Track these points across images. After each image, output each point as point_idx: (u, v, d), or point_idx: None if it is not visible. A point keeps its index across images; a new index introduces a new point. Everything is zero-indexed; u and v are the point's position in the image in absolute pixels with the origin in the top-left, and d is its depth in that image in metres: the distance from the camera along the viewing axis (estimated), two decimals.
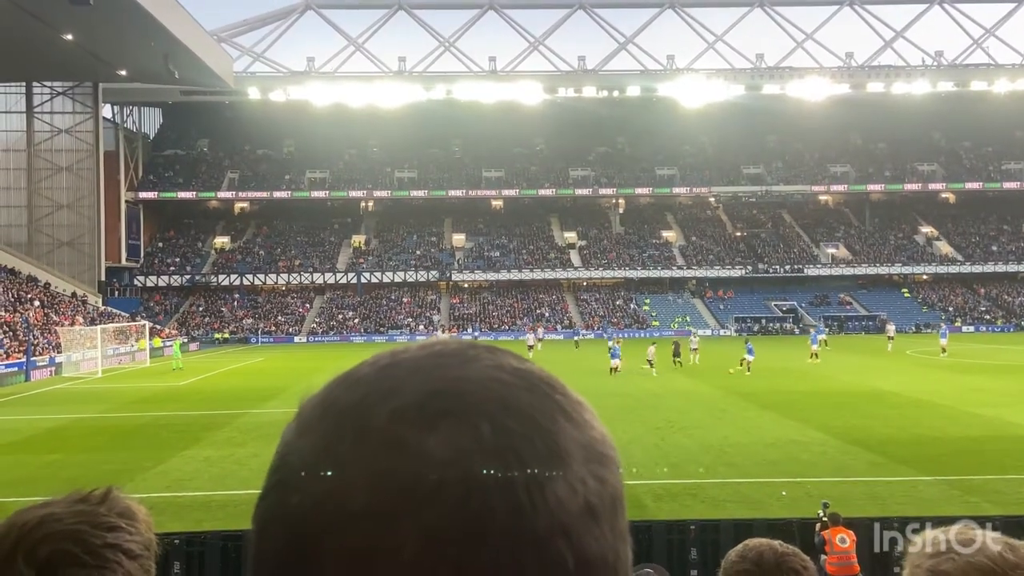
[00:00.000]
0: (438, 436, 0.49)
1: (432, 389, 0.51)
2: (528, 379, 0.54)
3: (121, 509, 1.13)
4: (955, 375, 33.25)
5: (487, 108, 77.32)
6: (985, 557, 1.00)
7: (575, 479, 0.50)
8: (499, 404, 0.51)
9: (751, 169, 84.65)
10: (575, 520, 0.49)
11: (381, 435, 0.49)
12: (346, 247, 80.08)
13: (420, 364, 0.54)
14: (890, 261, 77.66)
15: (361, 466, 0.49)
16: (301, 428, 0.54)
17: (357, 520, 0.47)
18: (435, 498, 0.47)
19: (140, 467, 17.57)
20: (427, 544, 0.46)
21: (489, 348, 0.57)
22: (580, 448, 0.52)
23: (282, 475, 0.52)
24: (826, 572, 10.47)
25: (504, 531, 0.47)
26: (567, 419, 0.53)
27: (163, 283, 74.41)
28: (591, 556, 0.50)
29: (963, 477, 15.69)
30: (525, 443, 0.50)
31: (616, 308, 73.78)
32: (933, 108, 79.38)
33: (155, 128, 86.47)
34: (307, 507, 0.49)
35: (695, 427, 21.83)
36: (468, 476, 0.48)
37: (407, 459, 0.48)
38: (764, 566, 1.86)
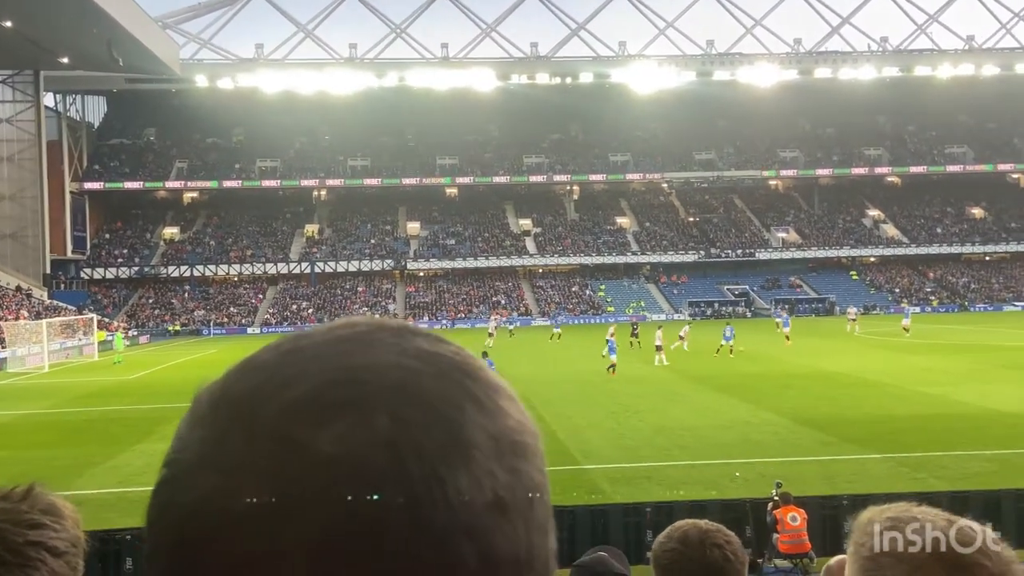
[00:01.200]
0: (330, 431, 0.46)
1: (328, 379, 0.48)
2: (437, 364, 0.51)
3: (44, 506, 1.10)
4: (902, 355, 34.03)
5: (440, 95, 76.90)
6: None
7: (481, 472, 0.47)
8: (399, 393, 0.48)
9: (703, 155, 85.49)
10: (480, 517, 0.46)
11: (270, 431, 0.47)
12: (299, 237, 79.17)
13: (321, 350, 0.51)
14: (838, 244, 79.10)
15: (248, 464, 0.46)
16: (194, 420, 0.51)
17: (242, 522, 0.45)
18: (323, 499, 0.44)
19: (90, 463, 17.22)
20: (313, 549, 0.44)
21: (399, 330, 0.53)
22: (489, 438, 0.49)
23: (173, 470, 0.50)
24: (778, 550, 10.67)
25: (399, 532, 0.44)
26: (477, 407, 0.50)
27: (111, 275, 72.80)
28: (499, 554, 0.47)
29: (911, 454, 16.09)
30: (425, 435, 0.47)
31: (572, 294, 74.12)
32: (879, 93, 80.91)
33: (100, 117, 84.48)
34: (193, 507, 0.47)
35: (650, 411, 22.04)
36: (359, 474, 0.45)
37: (295, 457, 0.45)
38: (689, 544, 1.91)
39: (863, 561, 1.05)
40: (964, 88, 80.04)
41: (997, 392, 23.00)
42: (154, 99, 78.81)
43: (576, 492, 13.62)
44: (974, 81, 78.88)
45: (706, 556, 1.89)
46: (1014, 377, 26.10)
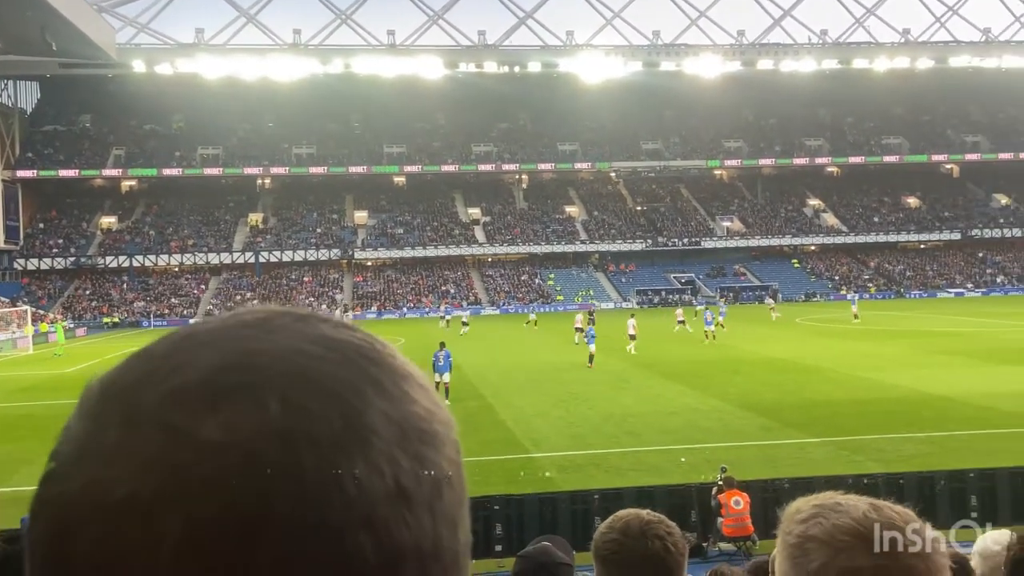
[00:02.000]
0: (216, 418, 0.43)
1: (220, 364, 0.46)
2: (340, 350, 0.48)
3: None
4: (841, 341, 34.86)
5: (387, 83, 76.17)
6: (851, 519, 1.04)
7: (382, 459, 0.45)
8: (295, 379, 0.45)
9: (650, 144, 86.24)
10: (379, 507, 0.44)
11: (152, 419, 0.44)
12: (243, 226, 77.83)
13: (217, 336, 0.48)
14: (781, 233, 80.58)
15: (126, 454, 0.44)
16: (80, 412, 0.49)
17: (117, 512, 0.42)
18: (205, 487, 0.41)
19: (25, 459, 16.74)
20: (190, 539, 0.41)
21: (303, 316, 0.51)
22: (393, 425, 0.46)
23: (54, 463, 0.48)
24: (723, 534, 10.88)
25: (286, 524, 0.42)
26: (380, 393, 0.47)
27: (46, 266, 70.72)
28: (400, 546, 0.45)
29: (849, 438, 16.51)
30: (320, 422, 0.44)
31: (521, 283, 74.28)
32: (819, 85, 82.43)
33: (33, 102, 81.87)
34: (68, 498, 0.44)
35: (599, 399, 22.24)
36: (246, 462, 0.42)
37: (177, 445, 0.43)
38: (630, 534, 1.90)
39: (789, 548, 1.08)
40: (900, 81, 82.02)
41: (930, 376, 23.73)
42: (90, 84, 76.58)
43: (525, 481, 13.69)
44: (910, 74, 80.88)
45: (647, 547, 1.87)
46: (946, 361, 26.96)
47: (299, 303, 68.11)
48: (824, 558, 1.02)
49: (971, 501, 11.53)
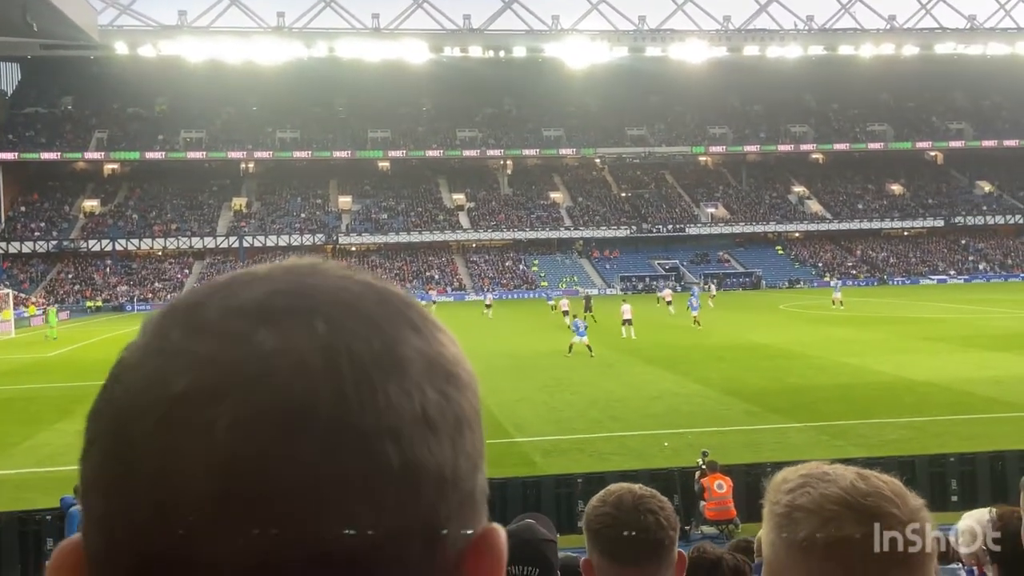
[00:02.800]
0: (269, 329, 0.48)
1: (274, 289, 0.51)
2: (381, 293, 0.53)
3: None
4: (824, 327, 35.08)
5: (371, 67, 75.71)
6: (839, 488, 1.05)
7: (412, 386, 0.49)
8: (341, 306, 0.50)
9: (635, 130, 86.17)
10: (407, 425, 0.48)
11: (211, 327, 0.49)
12: (226, 210, 77.31)
13: (272, 273, 0.53)
14: (765, 220, 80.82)
15: (186, 353, 0.48)
16: (142, 329, 0.54)
17: (175, 401, 0.47)
18: (256, 382, 0.46)
19: (7, 442, 16.67)
20: (240, 423, 0.45)
21: (345, 265, 0.55)
22: (423, 359, 0.51)
23: (114, 371, 0.52)
24: (705, 517, 10.95)
25: (326, 422, 0.46)
26: (415, 332, 0.52)
27: (27, 249, 70.00)
28: (422, 464, 0.48)
29: (831, 423, 16.64)
30: (361, 343, 0.49)
31: (505, 269, 74.24)
32: (804, 71, 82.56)
33: (13, 84, 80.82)
34: (131, 394, 0.49)
35: (583, 384, 22.30)
36: (294, 364, 0.47)
37: (233, 347, 0.48)
38: (623, 508, 1.89)
39: (777, 518, 1.09)
40: (885, 67, 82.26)
41: (912, 362, 23.93)
42: (71, 66, 75.73)
43: (509, 465, 13.73)
44: (895, 60, 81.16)
45: (640, 522, 1.86)
46: (927, 347, 27.18)
47: None
48: (812, 527, 1.03)
49: (951, 485, 11.66)
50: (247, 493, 0.44)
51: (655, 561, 1.86)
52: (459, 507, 0.50)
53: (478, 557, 0.51)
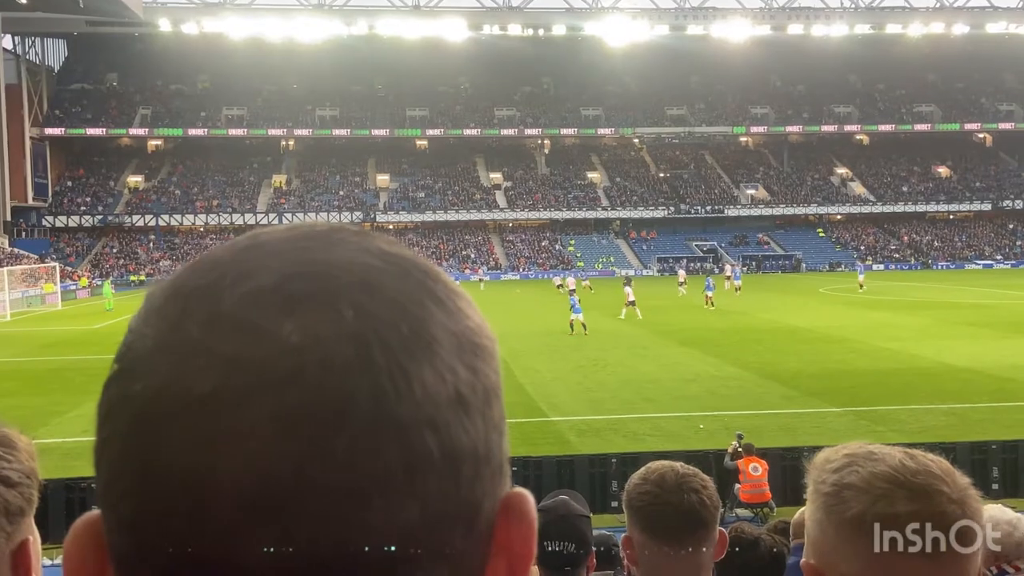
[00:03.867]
0: (294, 321, 0.45)
1: (290, 272, 0.47)
2: (399, 263, 0.50)
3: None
4: (865, 311, 34.60)
5: (410, 45, 75.71)
6: (888, 466, 1.05)
7: (444, 368, 0.47)
8: (363, 288, 0.47)
9: (675, 110, 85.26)
10: (443, 410, 0.46)
11: (231, 319, 0.46)
12: (266, 187, 78.10)
13: (281, 247, 0.50)
14: (806, 202, 79.70)
15: (208, 350, 0.45)
16: (147, 314, 0.50)
17: (203, 404, 0.44)
18: (289, 382, 0.44)
19: (55, 411, 17.11)
20: (279, 428, 0.43)
21: (359, 231, 0.52)
22: (451, 336, 0.49)
23: (125, 362, 0.48)
24: (739, 499, 10.93)
25: (365, 419, 0.44)
26: (438, 306, 0.49)
27: (74, 223, 71.45)
28: (460, 447, 0.47)
29: (870, 408, 16.46)
30: (390, 329, 0.46)
31: (541, 249, 74.16)
32: (850, 50, 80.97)
33: (60, 61, 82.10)
34: (151, 392, 0.45)
35: (617, 365, 22.27)
36: (325, 360, 0.44)
37: (258, 343, 0.45)
38: (665, 486, 1.89)
39: (824, 497, 1.08)
40: (934, 47, 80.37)
41: (953, 348, 23.53)
42: (116, 43, 76.73)
43: (543, 444, 13.80)
44: (944, 40, 79.21)
45: (683, 501, 1.86)
46: (970, 333, 26.71)
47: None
48: (862, 505, 1.03)
49: (993, 472, 11.50)
50: (284, 496, 0.43)
51: (697, 539, 1.87)
52: (491, 481, 0.50)
53: (508, 524, 0.51)
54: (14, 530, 1.05)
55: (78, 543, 0.50)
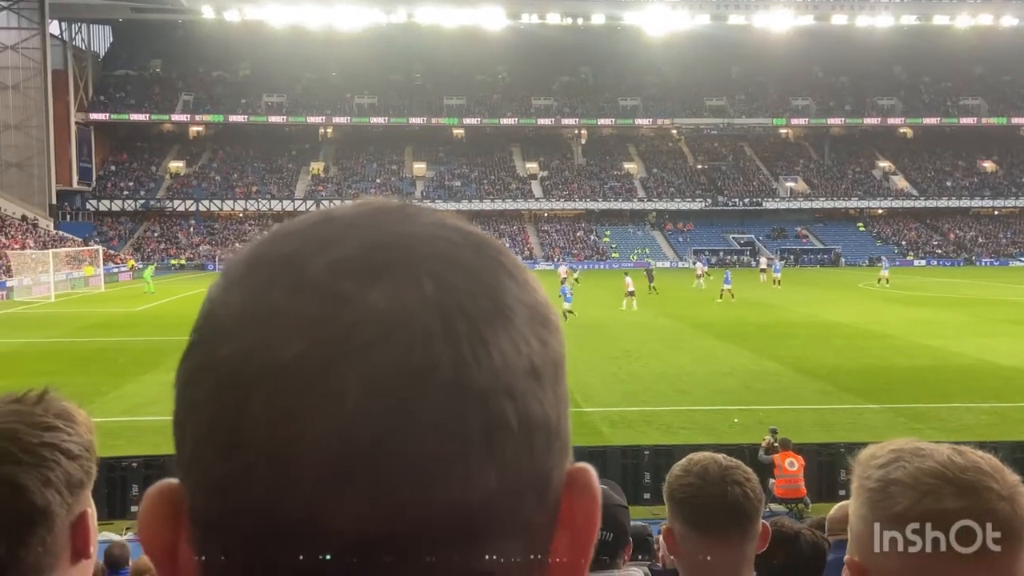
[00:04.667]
0: (379, 288, 0.46)
1: (373, 242, 0.48)
2: (472, 238, 0.51)
3: (58, 410, 1.12)
4: (904, 307, 34.09)
5: (449, 33, 75.76)
6: (935, 462, 1.04)
7: (519, 339, 0.48)
8: (443, 259, 0.48)
9: (714, 101, 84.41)
10: (519, 380, 0.47)
11: (317, 285, 0.46)
12: (304, 174, 78.80)
13: (357, 219, 0.50)
14: (847, 195, 78.58)
15: (296, 315, 0.45)
16: (228, 282, 0.50)
17: (291, 368, 0.44)
18: (377, 347, 0.44)
19: (97, 391, 17.45)
20: (366, 391, 0.44)
21: (427, 208, 0.53)
22: (524, 308, 0.50)
23: (209, 328, 0.49)
24: (774, 495, 10.86)
25: (448, 384, 0.45)
26: (511, 279, 0.50)
27: (117, 207, 72.75)
28: (534, 417, 0.48)
29: (909, 405, 16.24)
30: (469, 299, 0.47)
31: (576, 239, 73.99)
32: (895, 42, 79.50)
33: (105, 47, 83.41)
34: (238, 357, 0.46)
35: (651, 356, 22.19)
36: (411, 327, 0.45)
37: (345, 309, 0.45)
38: (709, 479, 1.87)
39: (870, 493, 1.07)
40: (981, 39, 78.61)
41: (996, 345, 23.08)
42: (160, 30, 77.73)
43: (576, 434, 13.77)
44: (992, 32, 77.45)
45: (727, 493, 1.84)
46: (1013, 331, 26.16)
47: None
48: (909, 501, 1.02)
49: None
50: (372, 459, 0.44)
51: (740, 532, 1.86)
52: (559, 454, 0.50)
53: (572, 498, 0.51)
54: (74, 502, 1.08)
55: (153, 509, 0.50)
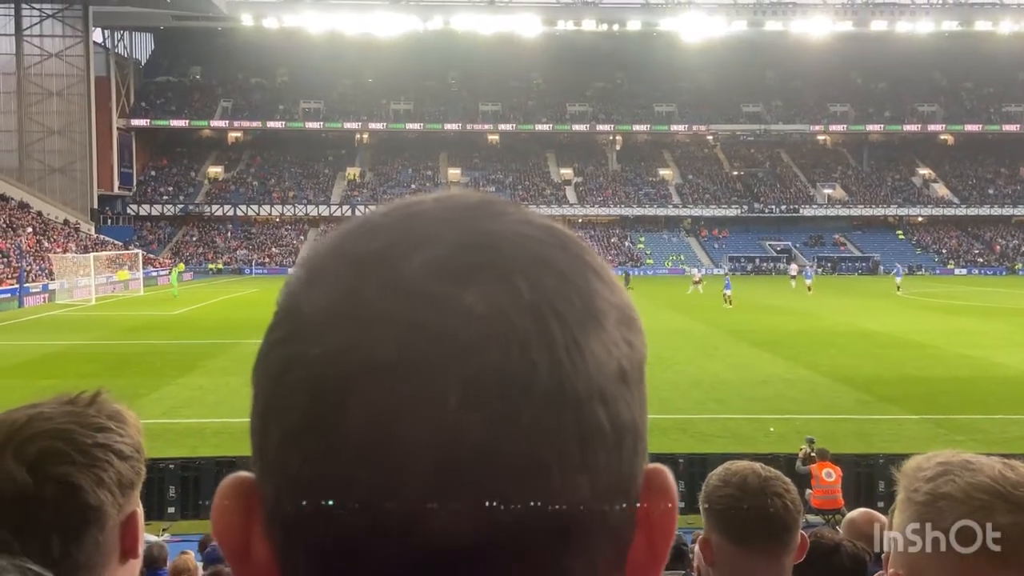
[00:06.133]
0: (474, 291, 0.45)
1: (463, 241, 0.47)
2: (559, 237, 0.50)
3: (110, 412, 1.14)
4: (944, 316, 33.51)
5: (485, 40, 76.01)
6: (986, 476, 1.00)
7: (609, 342, 0.48)
8: (534, 260, 0.47)
9: (750, 107, 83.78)
10: (610, 384, 0.47)
11: (411, 286, 0.45)
12: (340, 179, 79.47)
13: (442, 215, 0.49)
14: (886, 203, 77.48)
15: (391, 316, 0.44)
16: (311, 277, 0.48)
17: (388, 371, 0.44)
18: (476, 351, 0.44)
19: (135, 393, 17.71)
20: (466, 396, 0.43)
21: (511, 202, 0.52)
22: (613, 310, 0.49)
23: (296, 325, 0.47)
24: (811, 505, 10.71)
25: (546, 390, 0.44)
26: (599, 280, 0.50)
27: (156, 212, 73.92)
28: (624, 421, 0.47)
29: (949, 416, 15.95)
30: (563, 301, 0.46)
31: (611, 246, 73.78)
32: (935, 47, 78.25)
33: (147, 54, 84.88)
34: (333, 357, 0.45)
35: (686, 364, 22.02)
36: (509, 331, 0.44)
37: (442, 312, 0.44)
38: (748, 490, 1.83)
39: (918, 507, 1.04)
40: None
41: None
42: (200, 37, 78.91)
43: None
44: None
45: (767, 505, 1.81)
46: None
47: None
48: (960, 516, 0.98)
49: None
50: (474, 464, 0.43)
51: (779, 544, 1.83)
52: (643, 456, 0.50)
53: (651, 500, 0.50)
54: (125, 502, 1.11)
55: (227, 502, 0.50)
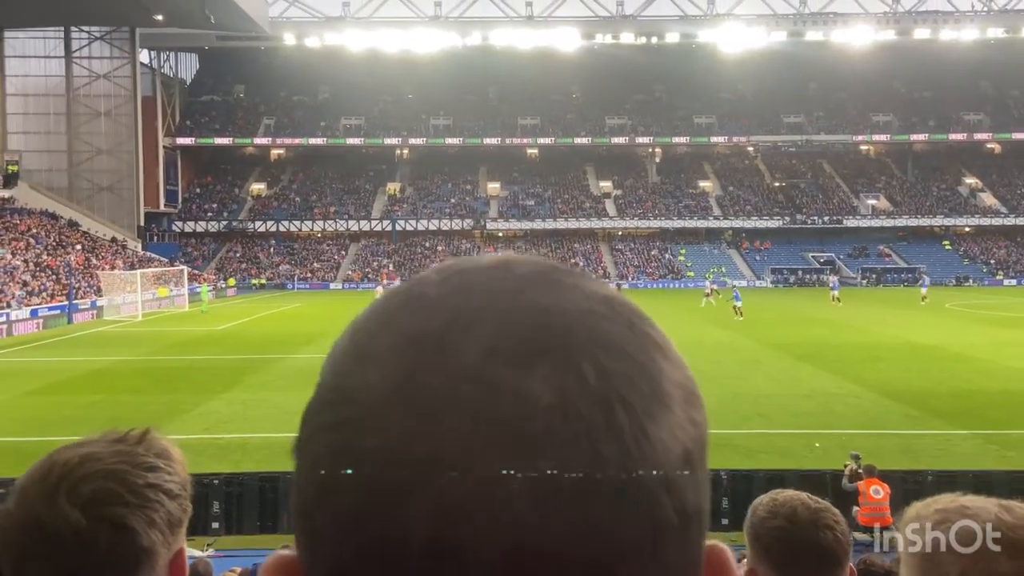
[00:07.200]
0: (539, 378, 0.43)
1: (524, 322, 0.45)
2: (621, 311, 0.49)
3: (159, 449, 1.14)
4: (993, 329, 32.75)
5: (523, 55, 76.32)
6: (983, 522, 0.99)
7: (676, 426, 0.46)
8: (599, 342, 0.45)
9: (791, 118, 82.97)
10: (677, 471, 0.45)
11: (472, 373, 0.43)
12: (381, 194, 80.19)
13: (496, 286, 0.47)
14: (931, 213, 76.09)
15: (452, 408, 0.42)
16: (361, 355, 0.46)
17: (451, 469, 0.41)
18: (544, 447, 0.42)
19: (180, 409, 17.99)
20: (535, 498, 0.41)
21: (568, 270, 0.50)
22: (679, 389, 0.48)
23: (348, 411, 0.45)
24: (858, 523, 10.50)
25: (615, 486, 0.42)
26: (664, 358, 0.48)
27: (201, 229, 75.20)
28: (691, 508, 0.46)
29: (1000, 432, 15.55)
30: (629, 386, 0.45)
31: (651, 258, 73.39)
32: (981, 55, 76.83)
33: (192, 74, 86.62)
34: (390, 453, 0.42)
35: (729, 377, 21.76)
36: (576, 424, 0.42)
37: (508, 402, 0.42)
38: (799, 523, 1.79)
39: (920, 560, 1.02)
40: None
41: None
42: (243, 56, 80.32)
43: None
44: None
45: (818, 538, 1.77)
46: None
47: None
48: (961, 567, 0.96)
49: None
50: (543, 567, 0.41)
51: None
52: (704, 535, 0.48)
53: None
54: (174, 540, 1.11)
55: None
